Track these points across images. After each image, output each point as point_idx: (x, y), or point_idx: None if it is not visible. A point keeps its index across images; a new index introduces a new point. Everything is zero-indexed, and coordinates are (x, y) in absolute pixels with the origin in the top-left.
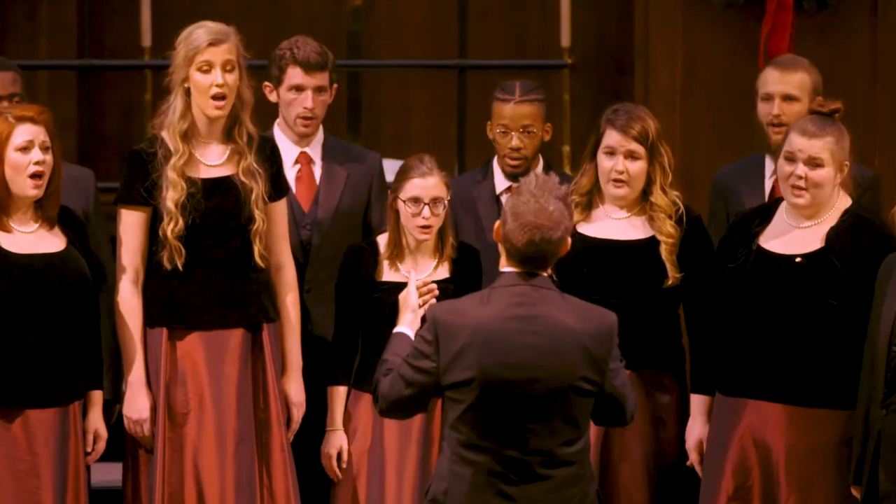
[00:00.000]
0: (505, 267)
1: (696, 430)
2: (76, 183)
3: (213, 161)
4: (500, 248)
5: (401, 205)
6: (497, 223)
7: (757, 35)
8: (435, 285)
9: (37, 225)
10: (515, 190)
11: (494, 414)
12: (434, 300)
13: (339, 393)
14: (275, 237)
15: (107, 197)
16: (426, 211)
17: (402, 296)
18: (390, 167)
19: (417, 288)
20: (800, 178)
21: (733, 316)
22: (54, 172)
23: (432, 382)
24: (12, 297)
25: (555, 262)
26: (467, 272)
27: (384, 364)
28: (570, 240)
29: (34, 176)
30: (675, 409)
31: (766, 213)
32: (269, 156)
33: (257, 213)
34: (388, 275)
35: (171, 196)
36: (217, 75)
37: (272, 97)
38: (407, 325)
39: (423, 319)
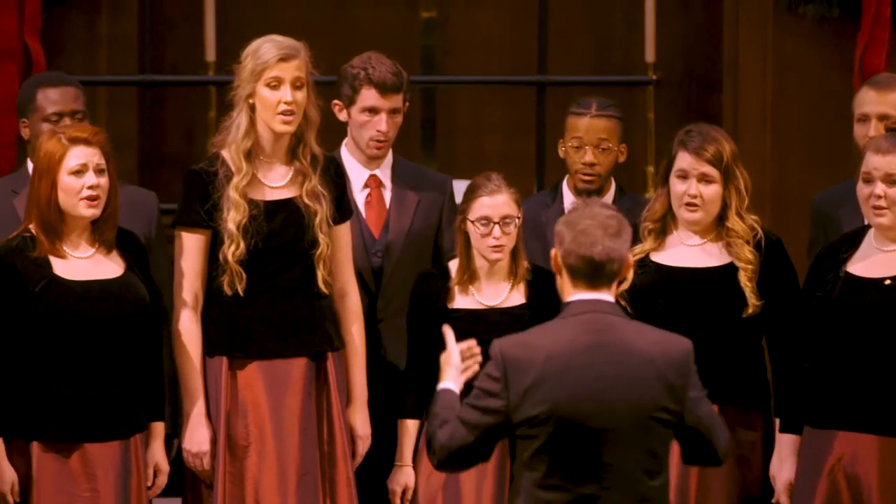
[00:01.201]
0: (569, 296)
1: (785, 470)
2: (138, 206)
3: (276, 182)
4: (562, 277)
5: (470, 226)
6: (553, 252)
7: (851, 50)
8: (479, 349)
9: (93, 250)
10: (563, 218)
11: (570, 449)
12: (477, 366)
13: (410, 427)
14: (339, 262)
15: (168, 218)
16: (496, 230)
17: (443, 356)
18: (464, 188)
19: (461, 351)
20: (878, 197)
21: (821, 345)
22: (111, 195)
23: (501, 422)
24: (68, 326)
25: (619, 282)
26: (543, 297)
27: (436, 417)
28: (631, 257)
29: (88, 199)
30: (760, 448)
31: (853, 238)
32: (334, 177)
33: (321, 237)
34: (460, 301)
35: (233, 218)
36: (286, 92)
37: (341, 116)
38: (451, 380)
39: (487, 356)
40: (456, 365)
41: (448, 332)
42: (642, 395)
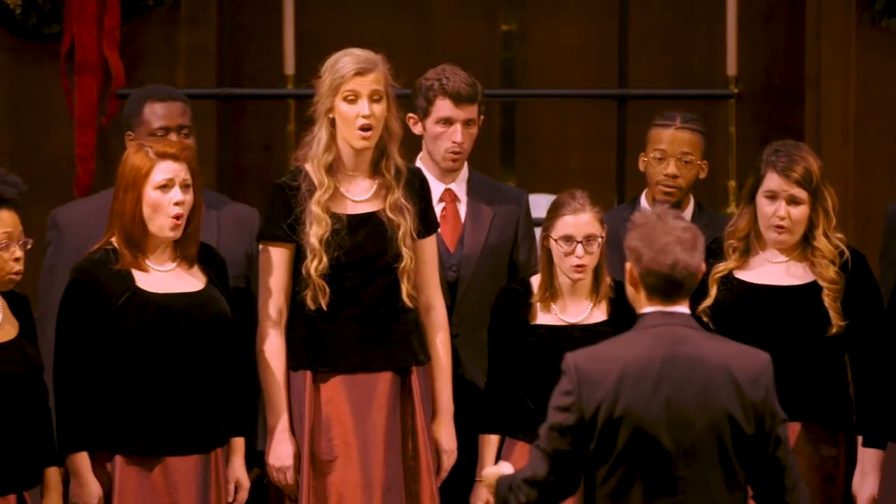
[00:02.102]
0: (644, 308)
1: (867, 485)
2: (241, 223)
3: (359, 196)
4: (637, 292)
5: (553, 244)
6: (628, 267)
7: None
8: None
9: (174, 264)
10: (630, 227)
11: (644, 463)
12: None
13: (491, 441)
14: (424, 276)
15: None
16: (579, 249)
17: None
18: (544, 202)
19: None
20: None
21: None
22: (194, 211)
23: (579, 436)
24: (150, 339)
25: (692, 294)
26: (626, 314)
27: (507, 481)
28: (704, 265)
29: (174, 217)
30: (843, 464)
31: None
32: (419, 190)
33: (405, 251)
34: (541, 318)
35: (315, 232)
36: (364, 106)
37: (416, 129)
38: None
39: (560, 370)
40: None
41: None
42: (717, 409)
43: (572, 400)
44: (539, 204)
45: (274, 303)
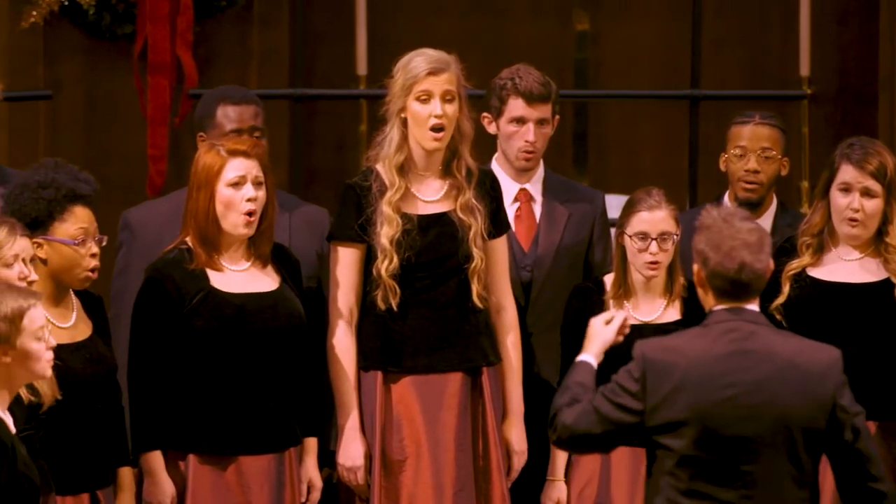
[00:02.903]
0: (713, 307)
1: None
2: (312, 223)
3: (430, 196)
4: (706, 293)
5: (627, 240)
6: (695, 269)
7: None
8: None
9: (248, 263)
10: (697, 229)
11: (710, 457)
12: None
13: None
14: (495, 276)
15: None
16: (653, 246)
17: (597, 323)
18: (616, 203)
19: (618, 325)
20: None
21: None
22: (267, 209)
23: (634, 423)
24: (224, 339)
25: (761, 292)
26: (699, 313)
27: (567, 391)
28: (772, 263)
29: (247, 213)
30: None
31: None
32: (489, 191)
33: (476, 252)
34: None
35: (386, 232)
36: (436, 106)
37: (491, 129)
38: (592, 354)
39: (629, 357)
40: (605, 340)
41: (625, 312)
42: (784, 404)
43: (638, 388)
44: (611, 204)
45: (345, 303)
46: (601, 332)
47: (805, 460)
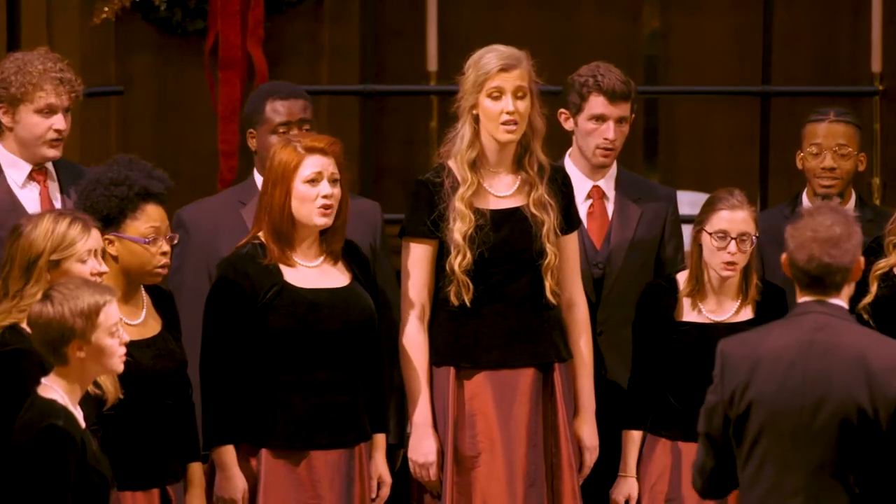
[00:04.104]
0: (799, 298)
1: None
2: (362, 216)
3: (503, 192)
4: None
5: (705, 237)
6: (783, 256)
7: None
8: None
9: (321, 259)
10: (791, 223)
11: (774, 447)
12: None
13: (634, 438)
14: (566, 272)
15: (387, 229)
16: (732, 246)
17: None
18: (686, 199)
19: None
20: None
21: None
22: (341, 205)
23: (724, 423)
24: (297, 334)
25: (844, 284)
26: (772, 314)
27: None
28: (861, 259)
29: (322, 208)
30: None
31: None
32: (561, 187)
33: (548, 247)
34: (688, 314)
35: (459, 228)
36: (508, 102)
37: (567, 125)
38: None
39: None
40: None
41: None
42: (844, 395)
43: (716, 383)
44: (681, 201)
45: (417, 299)
46: None
47: (862, 456)
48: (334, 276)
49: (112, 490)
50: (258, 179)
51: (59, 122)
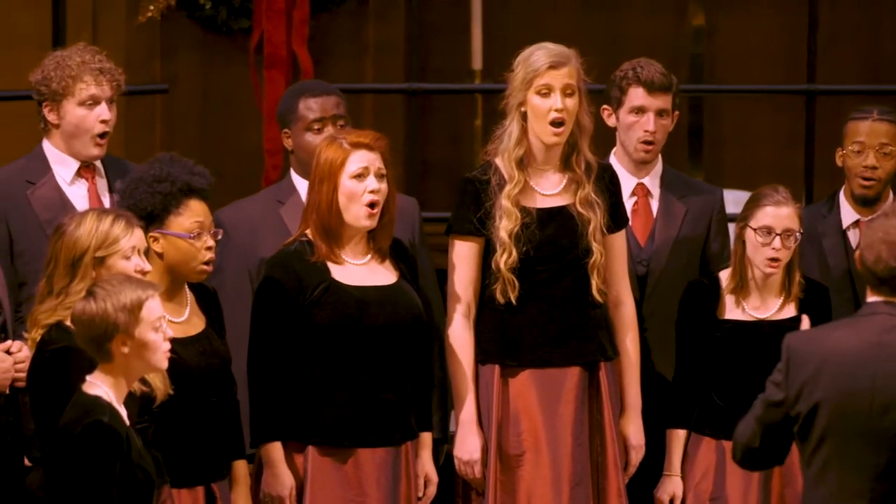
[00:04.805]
0: (868, 297)
1: None
2: (400, 214)
3: (549, 190)
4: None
5: (750, 233)
6: (857, 252)
7: None
8: None
9: (368, 256)
10: (868, 221)
11: (841, 447)
12: None
13: (679, 436)
14: (613, 271)
15: (431, 227)
16: (776, 242)
17: None
18: (731, 198)
19: None
20: None
21: None
22: (388, 202)
23: (783, 418)
24: (344, 331)
25: None
26: (815, 312)
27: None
28: None
29: (369, 205)
30: None
31: None
32: (608, 185)
33: (595, 246)
34: (731, 312)
35: (505, 226)
36: (556, 100)
37: (610, 121)
38: None
39: (756, 369)
40: None
41: None
42: None
43: (781, 378)
44: (726, 200)
45: (463, 296)
46: None
47: None
48: (382, 274)
49: (166, 486)
50: (295, 178)
51: (103, 112)
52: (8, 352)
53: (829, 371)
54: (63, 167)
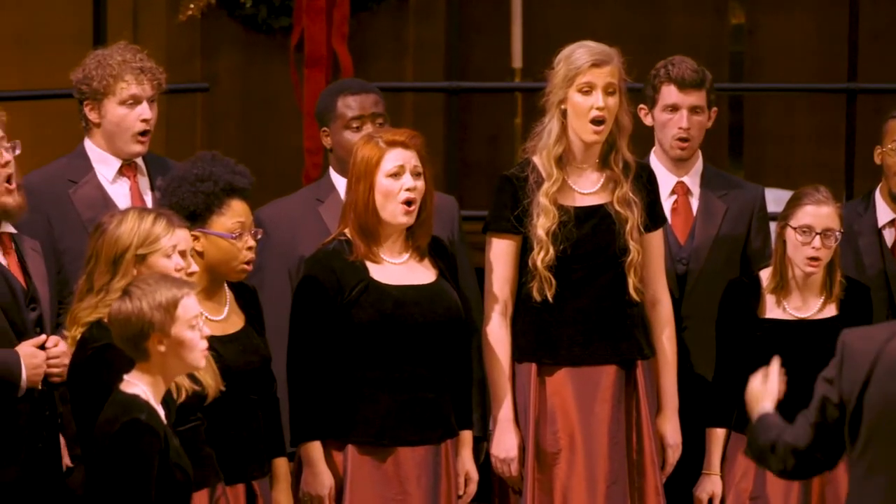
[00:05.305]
0: None
1: None
2: (439, 212)
3: (587, 189)
4: None
5: (790, 232)
6: None
7: None
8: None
9: (407, 255)
10: None
11: (889, 448)
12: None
13: (719, 436)
14: (650, 270)
15: (471, 226)
16: (816, 241)
17: (756, 385)
18: (772, 196)
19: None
20: None
21: None
22: (426, 200)
23: (837, 417)
24: (383, 330)
25: None
26: (856, 312)
27: (768, 432)
28: None
29: (406, 203)
30: None
31: None
32: (646, 184)
33: (632, 244)
34: (771, 311)
35: (542, 224)
36: (598, 98)
37: (647, 120)
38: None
39: (798, 369)
40: (772, 394)
41: (775, 363)
42: None
43: (835, 375)
44: (766, 198)
45: (500, 294)
46: (766, 391)
47: None
48: (420, 273)
49: (220, 483)
50: (334, 177)
51: (144, 111)
52: (42, 347)
53: (880, 372)
54: (105, 166)
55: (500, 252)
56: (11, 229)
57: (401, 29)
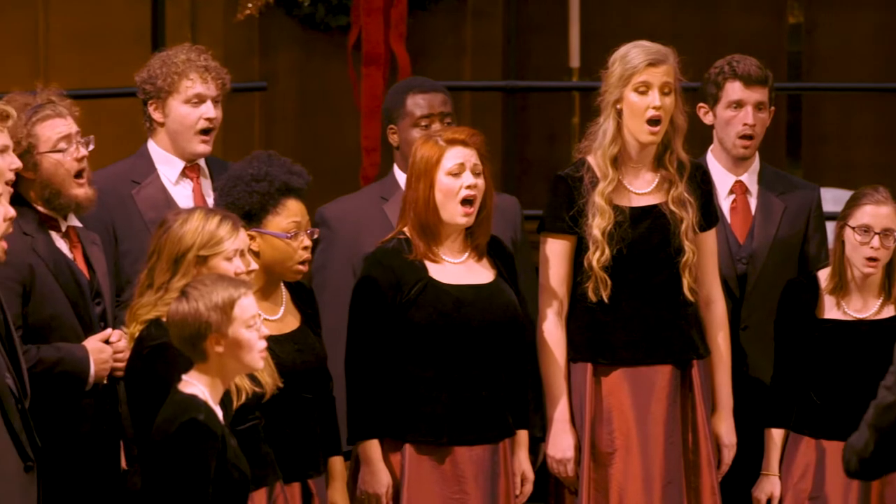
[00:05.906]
0: None
1: None
2: (501, 212)
3: (642, 189)
4: None
5: (848, 233)
6: None
7: None
8: None
9: (466, 254)
10: None
11: None
12: None
13: (778, 436)
14: (705, 269)
15: (528, 225)
16: (875, 241)
17: None
18: (830, 196)
19: None
20: None
21: None
22: (486, 198)
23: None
24: (441, 330)
25: None
26: None
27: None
28: None
29: (465, 202)
30: None
31: None
32: (700, 184)
33: (687, 245)
34: (830, 312)
35: (598, 224)
36: (654, 97)
37: (707, 119)
38: None
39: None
40: None
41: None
42: None
43: (893, 380)
44: (825, 198)
45: (555, 294)
46: None
47: None
48: (479, 273)
49: (278, 482)
50: (399, 175)
51: (208, 110)
52: (107, 341)
53: None
54: (168, 167)
55: (556, 252)
56: (77, 223)
57: (459, 28)
